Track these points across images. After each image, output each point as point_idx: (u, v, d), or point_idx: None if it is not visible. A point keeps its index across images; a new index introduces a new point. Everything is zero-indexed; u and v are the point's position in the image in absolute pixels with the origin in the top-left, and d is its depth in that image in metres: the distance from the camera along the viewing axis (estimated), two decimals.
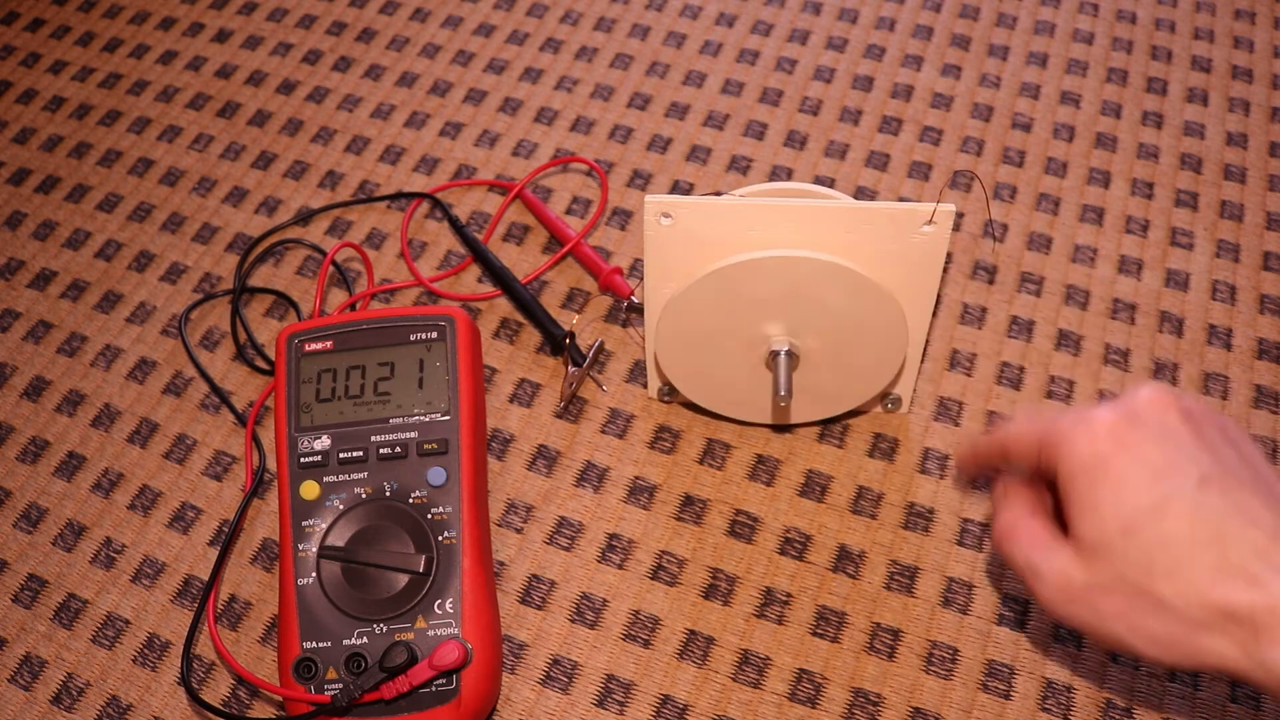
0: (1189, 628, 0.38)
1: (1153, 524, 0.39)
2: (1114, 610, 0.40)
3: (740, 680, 0.48)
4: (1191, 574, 0.38)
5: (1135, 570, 0.39)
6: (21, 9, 0.75)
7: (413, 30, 0.72)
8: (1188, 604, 0.38)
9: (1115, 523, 0.40)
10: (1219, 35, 0.70)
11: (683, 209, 0.46)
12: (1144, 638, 0.39)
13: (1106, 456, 0.40)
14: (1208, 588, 0.38)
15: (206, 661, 0.49)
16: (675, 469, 0.54)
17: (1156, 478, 0.40)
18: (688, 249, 0.47)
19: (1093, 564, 0.40)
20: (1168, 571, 0.38)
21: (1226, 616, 0.37)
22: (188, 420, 0.56)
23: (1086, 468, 0.41)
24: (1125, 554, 0.39)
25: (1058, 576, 0.41)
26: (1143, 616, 0.39)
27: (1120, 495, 0.40)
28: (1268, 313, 0.58)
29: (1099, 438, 0.41)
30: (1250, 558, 0.37)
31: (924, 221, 0.45)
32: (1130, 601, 0.39)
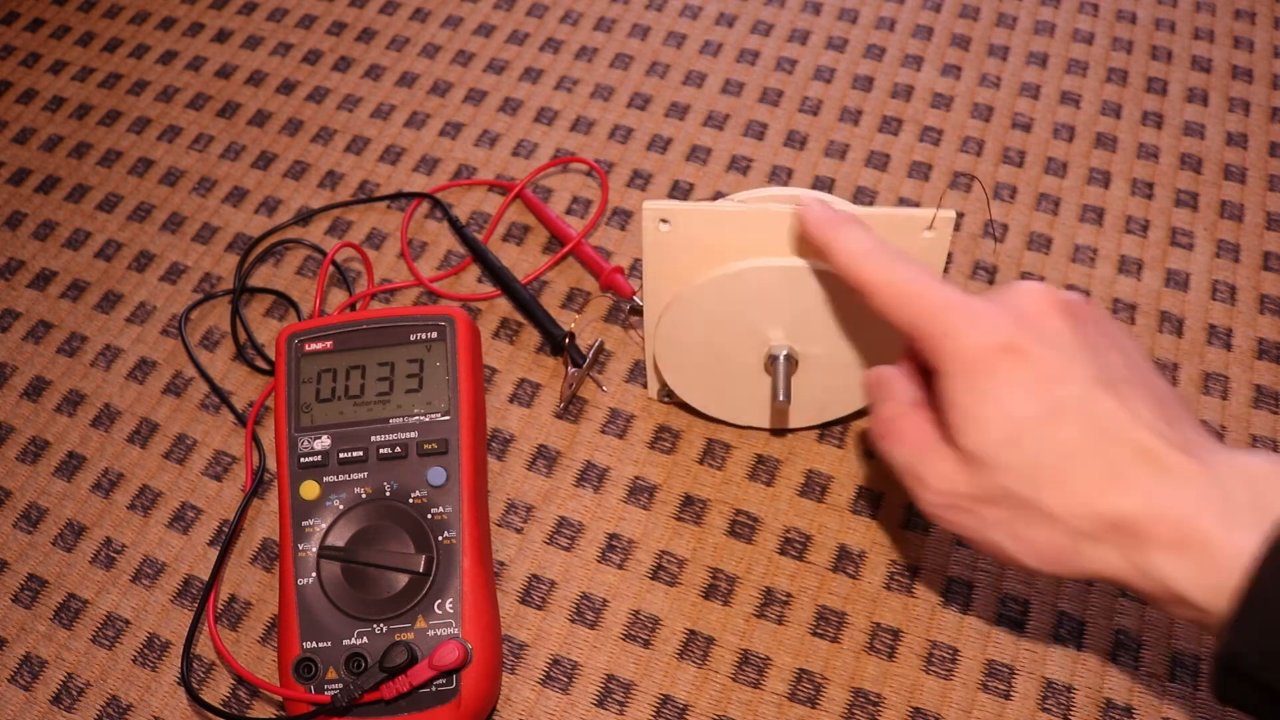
0: (1073, 538, 0.37)
1: (1039, 435, 0.37)
2: (997, 519, 0.39)
3: (740, 680, 0.48)
4: (1077, 483, 0.37)
5: (1020, 481, 0.38)
6: (21, 9, 0.75)
7: (413, 30, 0.72)
8: (1072, 514, 0.37)
9: (999, 433, 0.38)
10: (1219, 35, 0.70)
11: (681, 215, 0.46)
12: (1028, 549, 0.38)
13: (992, 362, 0.38)
14: (1093, 496, 0.36)
15: (206, 661, 0.49)
16: (675, 469, 0.54)
17: (1045, 385, 0.38)
18: (686, 255, 0.47)
19: (976, 473, 0.39)
20: (1053, 482, 0.37)
21: (1110, 525, 0.36)
22: (188, 420, 0.56)
23: (969, 371, 0.38)
24: (1010, 465, 0.38)
25: (940, 482, 0.40)
26: (1026, 527, 0.38)
27: (1004, 405, 0.38)
28: (1268, 313, 0.58)
29: (985, 340, 0.38)
30: (1134, 462, 0.36)
31: (924, 227, 0.45)
32: (1014, 512, 0.38)
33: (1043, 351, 0.38)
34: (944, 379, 0.39)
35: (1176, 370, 0.56)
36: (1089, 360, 0.38)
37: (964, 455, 0.39)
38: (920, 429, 0.41)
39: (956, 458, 0.39)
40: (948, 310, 0.39)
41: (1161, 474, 0.36)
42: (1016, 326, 0.38)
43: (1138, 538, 0.36)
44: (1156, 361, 0.57)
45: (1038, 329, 0.39)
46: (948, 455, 0.40)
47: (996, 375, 0.38)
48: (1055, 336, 0.38)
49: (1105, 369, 0.38)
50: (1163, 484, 0.36)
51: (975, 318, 0.39)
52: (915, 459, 0.41)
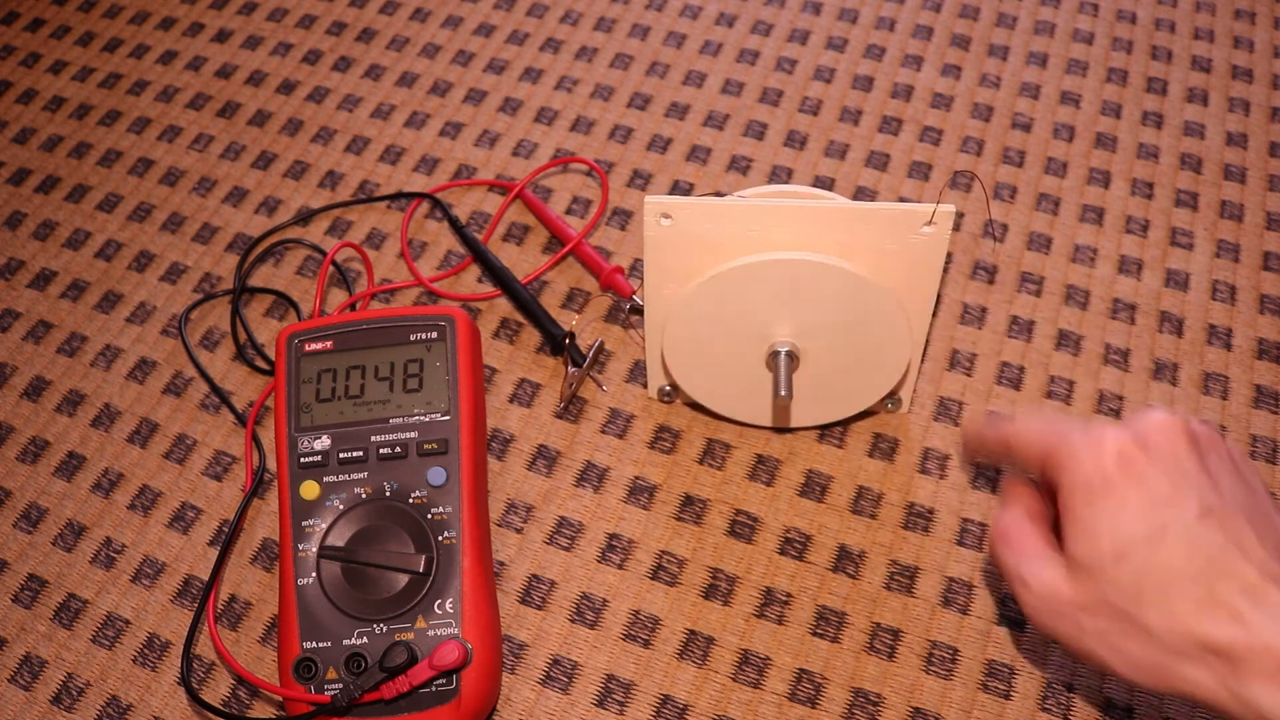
0: (1169, 656, 0.38)
1: (1146, 553, 0.39)
2: (1096, 630, 0.40)
3: (740, 680, 0.48)
4: (1177, 605, 0.38)
5: (1122, 596, 0.39)
6: (21, 9, 0.75)
7: (413, 30, 0.72)
8: (1170, 633, 0.38)
9: (1109, 547, 0.40)
10: (1219, 35, 0.70)
11: (683, 210, 0.46)
12: (1123, 660, 0.40)
13: (1110, 479, 0.40)
14: (1192, 620, 0.38)
15: (206, 661, 0.49)
16: (675, 469, 0.54)
17: (1156, 506, 0.40)
18: (688, 250, 0.47)
19: (1081, 583, 0.41)
20: (1155, 601, 0.39)
21: (1207, 649, 0.37)
22: (188, 420, 0.56)
23: (1088, 488, 0.41)
24: (1115, 579, 0.39)
25: (1045, 589, 0.42)
26: (1124, 640, 0.39)
27: (1117, 520, 0.40)
28: (1268, 313, 0.58)
29: (1105, 459, 0.41)
30: (1237, 594, 0.37)
31: (924, 222, 0.45)
32: (1113, 624, 0.40)
33: (1158, 475, 0.40)
34: (1064, 493, 0.42)
35: (1176, 370, 0.56)
36: (1203, 488, 0.40)
37: (1073, 565, 0.41)
38: (1031, 536, 0.43)
39: (1065, 566, 0.41)
40: (1074, 434, 0.42)
41: (1263, 605, 0.37)
42: (1136, 449, 0.41)
43: (1235, 665, 0.37)
44: (1156, 361, 0.57)
45: (1159, 453, 0.41)
46: (1056, 563, 0.42)
47: (1112, 492, 0.40)
48: (1174, 462, 0.40)
49: (1219, 498, 0.40)
50: (1263, 614, 0.37)
51: (1099, 439, 0.41)
52: (1021, 563, 0.43)
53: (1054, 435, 0.43)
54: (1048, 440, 0.43)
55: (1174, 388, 0.56)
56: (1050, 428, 0.44)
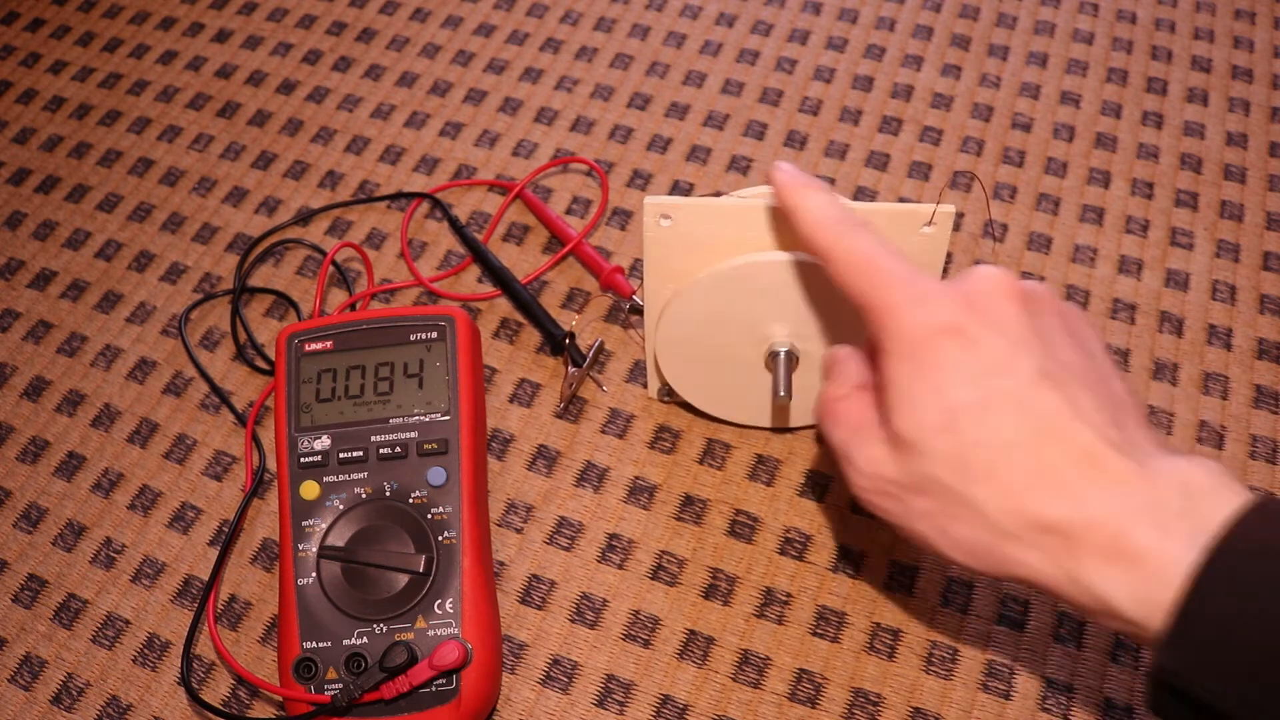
0: (1000, 536, 0.36)
1: (973, 423, 0.36)
2: (923, 510, 0.37)
3: (740, 680, 0.48)
4: (1008, 479, 0.35)
5: (949, 471, 0.36)
6: (21, 9, 0.75)
7: (413, 30, 0.72)
8: (1000, 511, 0.35)
9: (934, 418, 0.36)
10: (1219, 35, 0.70)
11: (682, 210, 0.46)
12: (952, 543, 0.37)
13: (935, 343, 0.36)
14: (1023, 495, 0.35)
15: (206, 661, 0.49)
16: (675, 469, 0.54)
17: (984, 372, 0.36)
18: (687, 250, 0.47)
19: (906, 459, 0.37)
20: (983, 475, 0.35)
21: (1040, 528, 0.35)
22: (188, 420, 0.56)
23: (910, 352, 0.37)
24: (940, 452, 0.36)
25: (870, 465, 0.38)
26: (953, 520, 0.37)
27: (942, 389, 0.36)
28: (1268, 313, 0.58)
29: (930, 320, 0.37)
30: (1070, 464, 0.35)
31: (924, 223, 0.45)
32: (941, 503, 0.37)
33: (988, 337, 0.36)
34: (885, 357, 0.38)
35: (1176, 370, 0.56)
36: (1037, 350, 0.36)
37: (897, 439, 0.37)
38: (859, 410, 0.40)
39: (889, 441, 0.38)
40: (897, 285, 0.38)
41: (1098, 477, 0.34)
42: (965, 309, 0.37)
43: (1069, 543, 0.34)
44: (1157, 361, 0.57)
45: (988, 314, 0.37)
46: (881, 438, 0.38)
47: (937, 357, 0.36)
48: (1005, 323, 0.37)
49: (1054, 360, 0.36)
50: (1098, 488, 0.34)
51: (924, 296, 0.37)
52: (849, 440, 0.40)
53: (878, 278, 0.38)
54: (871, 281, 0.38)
55: (1174, 388, 0.56)
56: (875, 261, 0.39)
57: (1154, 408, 0.55)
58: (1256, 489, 0.53)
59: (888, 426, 0.38)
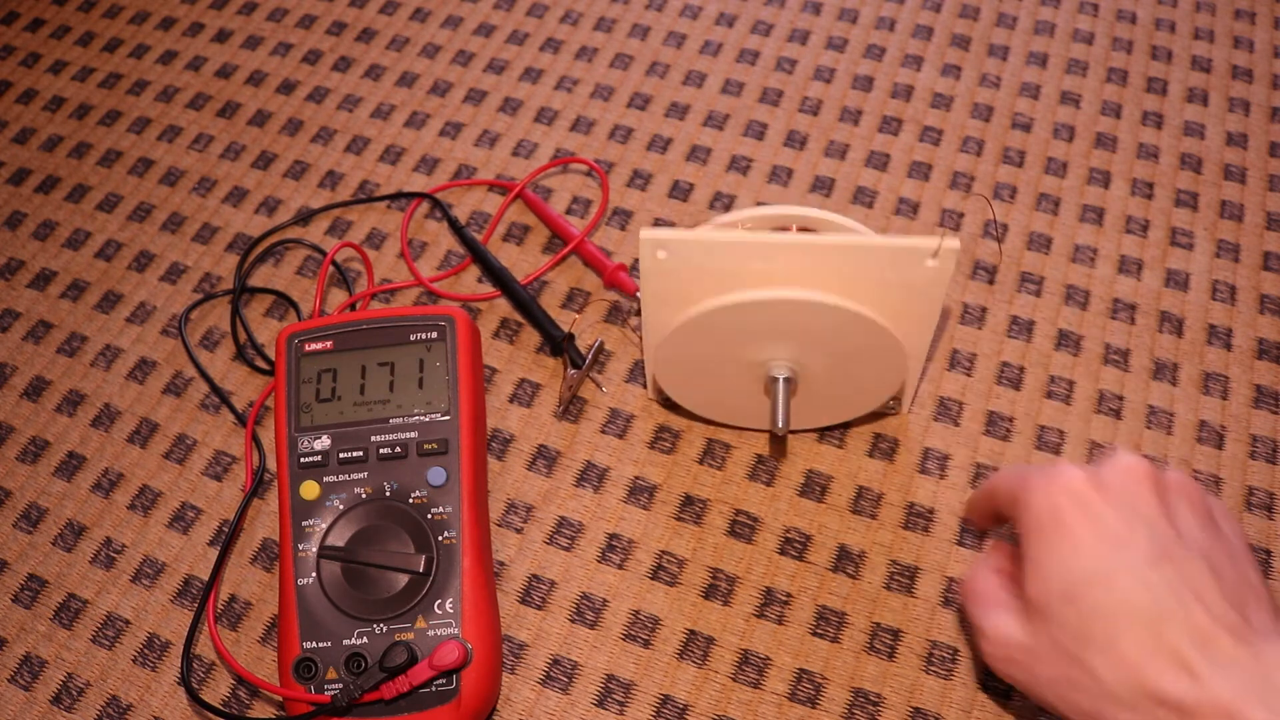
0: (1117, 706, 0.37)
1: (1095, 593, 0.38)
2: (1048, 676, 0.39)
3: (740, 680, 0.48)
4: (1125, 650, 0.37)
5: (1071, 639, 0.38)
6: (21, 9, 0.75)
7: (413, 30, 0.72)
8: (1118, 682, 0.37)
9: (1059, 586, 0.38)
10: (1219, 35, 0.70)
11: (679, 245, 0.45)
12: (1074, 709, 0.38)
13: (1063, 516, 0.39)
14: (1140, 668, 0.36)
15: (206, 661, 0.49)
16: (675, 469, 0.54)
17: (1108, 546, 0.38)
18: (685, 282, 0.46)
19: (1033, 626, 0.40)
20: (1102, 646, 0.37)
21: (1155, 701, 0.36)
22: (188, 420, 0.56)
23: (1041, 524, 0.40)
24: (1064, 620, 0.38)
25: (998, 634, 0.41)
26: (1073, 687, 0.38)
27: (1068, 559, 0.39)
28: (1268, 313, 0.58)
29: (1059, 495, 0.40)
30: (1187, 642, 0.36)
31: (928, 256, 0.44)
32: (1063, 670, 0.38)
33: (1112, 514, 0.39)
34: (1021, 534, 0.41)
35: (1176, 370, 0.56)
36: (1160, 530, 0.38)
37: (1027, 608, 0.40)
38: (993, 587, 0.43)
39: (1019, 611, 0.40)
40: (1030, 473, 0.41)
41: (1210, 657, 0.36)
42: (1094, 485, 0.40)
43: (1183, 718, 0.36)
44: (1156, 361, 0.57)
45: (1115, 492, 0.39)
46: (1012, 609, 0.41)
47: (1063, 529, 0.39)
48: (1131, 502, 0.39)
49: (1178, 542, 0.38)
50: (1215, 668, 0.36)
51: (1055, 478, 0.40)
52: (982, 612, 0.42)
53: (1020, 478, 0.42)
54: (1014, 484, 0.42)
55: (1174, 388, 0.56)
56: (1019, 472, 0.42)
57: (1154, 408, 0.55)
58: (1257, 489, 0.53)
59: (1023, 598, 0.40)
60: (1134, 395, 0.56)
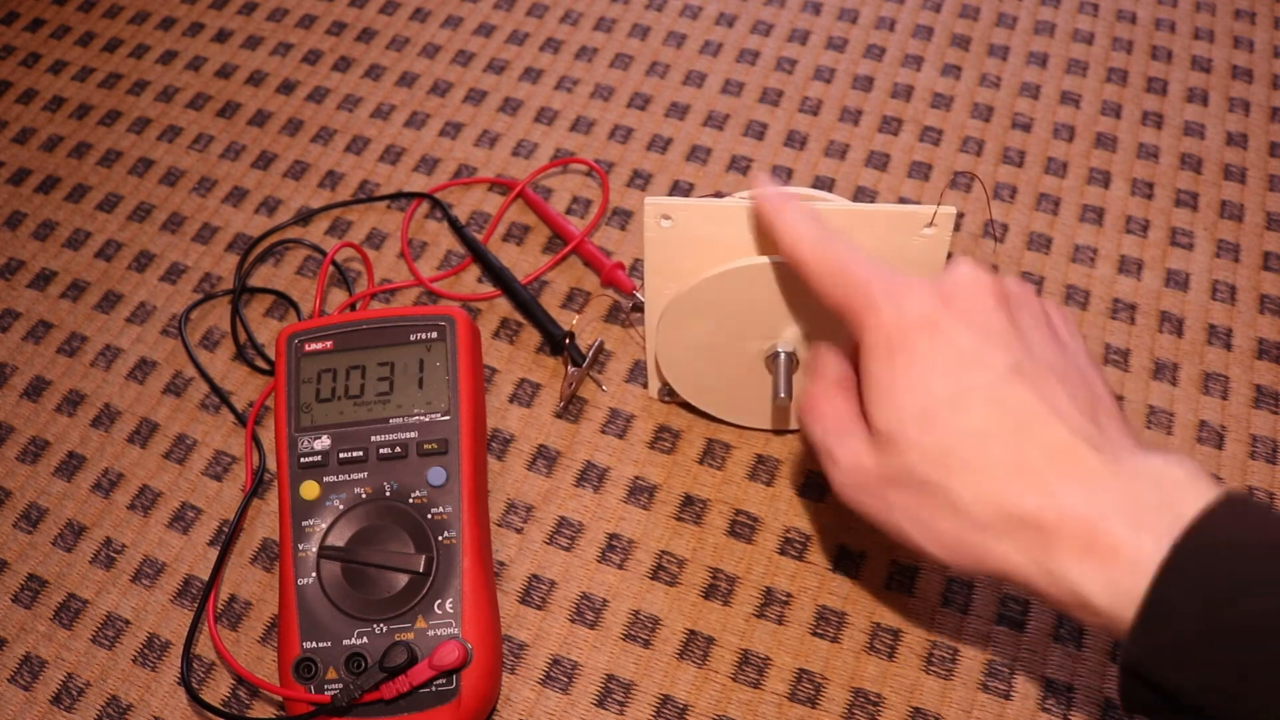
0: (977, 530, 0.36)
1: (950, 416, 0.36)
2: (903, 504, 0.37)
3: (740, 680, 0.48)
4: (985, 473, 0.35)
5: (928, 464, 0.36)
6: (21, 9, 0.75)
7: (413, 30, 0.72)
8: (978, 504, 0.35)
9: (911, 412, 0.37)
10: (1219, 35, 0.70)
11: (683, 211, 0.46)
12: (931, 537, 0.37)
13: (911, 338, 0.37)
14: (998, 488, 0.35)
15: (206, 661, 0.49)
16: (675, 469, 0.54)
17: (961, 366, 0.36)
18: (688, 251, 0.47)
19: (885, 453, 0.38)
20: (960, 469, 0.36)
21: (1016, 521, 0.35)
22: (188, 420, 0.56)
23: (888, 347, 0.37)
24: (919, 446, 0.36)
25: (851, 461, 0.39)
26: (931, 514, 0.37)
27: (920, 383, 0.37)
28: (1268, 313, 0.58)
29: (904, 314, 0.37)
30: (1045, 458, 0.35)
31: (925, 224, 0.45)
32: (920, 497, 0.37)
33: (963, 332, 0.37)
34: (864, 353, 0.38)
35: (1176, 370, 0.56)
36: (1013, 346, 0.37)
37: (876, 433, 0.38)
38: (839, 407, 0.40)
39: (869, 436, 0.38)
40: (873, 284, 0.38)
41: (1073, 472, 0.35)
42: (941, 304, 0.37)
43: (1043, 537, 0.35)
44: (1157, 361, 0.57)
45: (964, 309, 0.37)
46: (861, 433, 0.39)
47: (913, 351, 0.37)
48: (981, 318, 0.37)
49: (1030, 356, 0.37)
50: (1073, 482, 0.35)
51: (899, 292, 0.38)
52: (829, 436, 0.40)
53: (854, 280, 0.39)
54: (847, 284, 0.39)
55: (1174, 388, 0.56)
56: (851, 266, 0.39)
57: (1154, 408, 0.55)
58: (1257, 489, 0.53)
59: (867, 422, 0.38)
60: (1134, 395, 0.56)
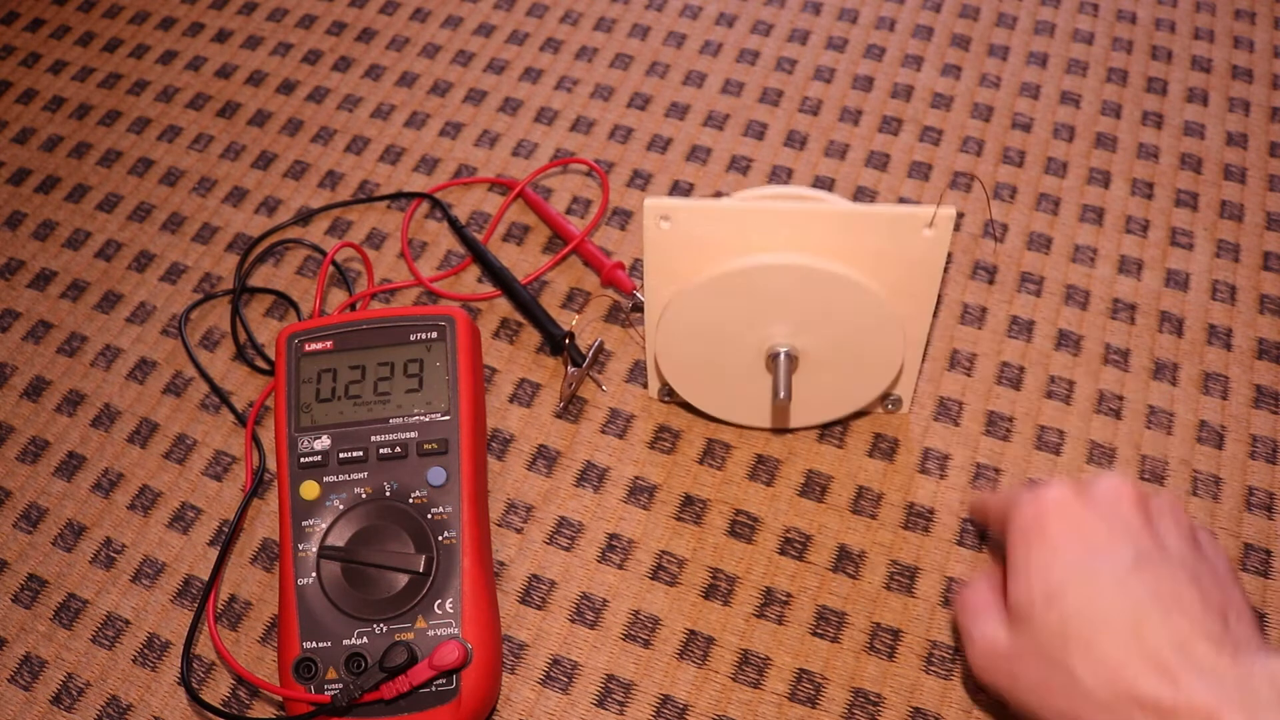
0: (1095, 708, 0.37)
1: (1075, 595, 0.38)
2: (1029, 681, 0.39)
3: (740, 680, 0.48)
4: (1106, 653, 0.37)
5: (1052, 641, 0.39)
6: (21, 9, 0.75)
7: (413, 30, 0.72)
8: (1098, 685, 0.37)
9: (1040, 589, 0.39)
10: (1219, 35, 0.70)
11: (682, 212, 0.46)
12: (1053, 713, 0.39)
13: (1046, 523, 0.40)
14: (1119, 671, 0.37)
15: (206, 661, 0.49)
16: (675, 469, 0.54)
17: (1090, 551, 0.39)
18: (688, 252, 0.47)
19: (1016, 630, 0.40)
20: (1082, 648, 0.38)
21: (1137, 704, 0.36)
22: (188, 420, 0.56)
23: (1026, 532, 0.41)
24: (1045, 623, 0.39)
25: (984, 640, 0.42)
26: (1053, 691, 0.39)
27: (1050, 562, 0.39)
28: (1268, 313, 0.58)
29: (1044, 504, 0.41)
30: (1168, 649, 0.36)
31: (924, 224, 0.45)
32: (1045, 673, 0.39)
33: (1095, 521, 0.40)
34: (1008, 546, 0.41)
35: (1176, 370, 0.56)
36: (1142, 540, 0.39)
37: (1011, 614, 0.41)
38: (982, 593, 0.44)
39: (1003, 619, 0.41)
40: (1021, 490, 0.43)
41: (1191, 662, 0.36)
42: (1078, 496, 0.41)
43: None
44: (1157, 361, 0.57)
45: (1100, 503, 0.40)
46: (997, 617, 0.42)
47: (1046, 533, 0.40)
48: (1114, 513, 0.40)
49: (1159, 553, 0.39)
50: (1191, 672, 0.36)
51: (1041, 490, 0.41)
52: (970, 621, 0.43)
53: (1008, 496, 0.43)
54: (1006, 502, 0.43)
55: (1174, 388, 0.56)
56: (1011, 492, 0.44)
57: (1154, 408, 0.55)
58: (1257, 489, 0.53)
59: (1007, 604, 0.41)
60: (1134, 395, 0.56)
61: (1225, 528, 0.52)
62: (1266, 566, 0.51)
